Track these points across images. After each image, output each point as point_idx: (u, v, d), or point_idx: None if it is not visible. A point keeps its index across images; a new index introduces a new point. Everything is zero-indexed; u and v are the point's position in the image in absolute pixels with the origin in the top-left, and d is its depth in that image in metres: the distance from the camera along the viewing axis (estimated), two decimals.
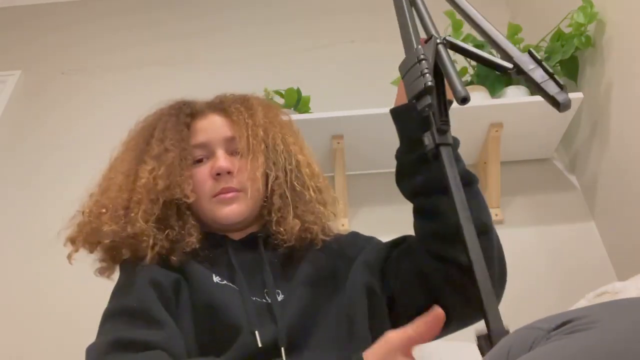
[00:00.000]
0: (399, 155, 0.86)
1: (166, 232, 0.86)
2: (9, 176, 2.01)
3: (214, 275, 0.84)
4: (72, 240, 0.90)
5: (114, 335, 0.74)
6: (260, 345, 0.76)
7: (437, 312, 0.74)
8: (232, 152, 0.94)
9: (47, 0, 2.55)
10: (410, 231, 0.87)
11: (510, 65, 0.65)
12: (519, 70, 0.63)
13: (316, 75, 2.04)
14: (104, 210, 0.89)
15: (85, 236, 0.89)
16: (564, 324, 0.40)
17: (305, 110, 1.78)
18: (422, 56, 0.66)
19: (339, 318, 0.84)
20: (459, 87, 0.62)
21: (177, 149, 0.91)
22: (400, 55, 0.72)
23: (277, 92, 1.80)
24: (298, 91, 1.79)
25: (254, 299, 0.83)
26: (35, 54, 2.37)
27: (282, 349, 0.77)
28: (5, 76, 2.28)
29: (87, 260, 0.90)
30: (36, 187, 1.98)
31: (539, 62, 0.62)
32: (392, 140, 1.00)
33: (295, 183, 0.94)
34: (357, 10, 2.32)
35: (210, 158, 0.93)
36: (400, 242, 0.91)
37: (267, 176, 0.94)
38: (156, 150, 0.92)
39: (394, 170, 0.87)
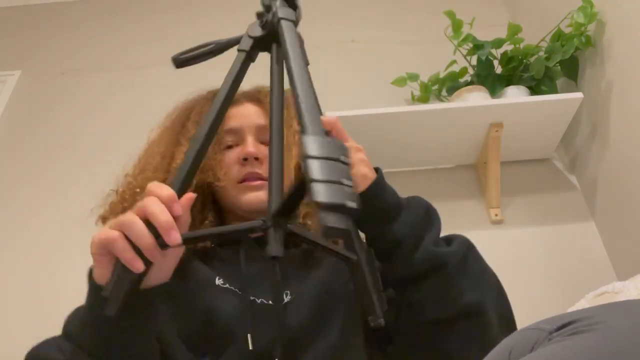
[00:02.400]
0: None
1: None
2: (8, 176, 2.01)
3: (217, 278, 0.83)
4: (104, 219, 0.90)
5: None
6: (251, 348, 0.74)
7: None
8: (263, 141, 0.94)
9: (47, 0, 2.55)
10: None
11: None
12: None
13: (316, 75, 2.03)
14: (138, 190, 0.88)
15: (117, 215, 0.89)
16: (566, 325, 0.40)
17: None
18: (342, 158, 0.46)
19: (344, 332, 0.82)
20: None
21: (213, 135, 0.91)
22: (401, 55, 0.72)
23: None
24: None
25: (259, 300, 0.81)
26: (35, 54, 2.37)
27: (276, 356, 0.75)
28: (5, 76, 2.28)
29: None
30: (36, 187, 1.97)
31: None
32: (392, 140, 1.00)
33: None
34: (357, 10, 2.32)
35: (240, 144, 0.93)
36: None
37: (298, 169, 0.91)
38: (192, 132, 0.92)
39: (393, 169, 0.86)
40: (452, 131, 1.70)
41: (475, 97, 1.69)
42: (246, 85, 1.04)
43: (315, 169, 0.42)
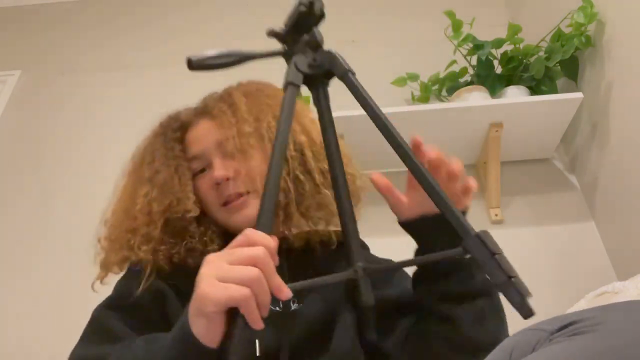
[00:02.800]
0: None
1: (184, 243, 0.86)
2: (8, 176, 2.01)
3: None
4: (100, 276, 0.91)
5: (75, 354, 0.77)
6: (258, 354, 0.73)
7: None
8: (228, 156, 0.90)
9: (47, 0, 2.55)
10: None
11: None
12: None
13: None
14: (110, 243, 0.90)
15: (102, 263, 0.90)
16: (567, 325, 0.40)
17: None
18: None
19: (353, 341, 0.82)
20: None
21: (169, 168, 0.90)
22: (401, 55, 0.72)
23: None
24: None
25: None
26: (35, 54, 2.37)
27: None
28: (5, 76, 2.28)
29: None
30: (36, 187, 1.98)
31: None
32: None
33: (297, 173, 0.89)
34: (358, 10, 2.32)
35: (209, 167, 0.91)
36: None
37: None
38: (147, 173, 0.91)
39: (393, 169, 0.86)
40: (452, 131, 1.70)
41: (475, 97, 1.69)
42: (191, 98, 1.04)
43: (509, 265, 0.60)
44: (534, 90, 1.74)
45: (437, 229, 0.74)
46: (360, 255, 0.66)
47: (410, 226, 0.81)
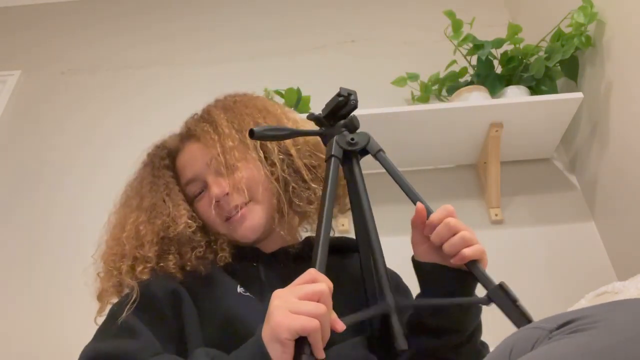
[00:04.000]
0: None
1: (194, 252, 0.89)
2: (7, 176, 2.01)
3: (238, 286, 0.86)
4: (98, 299, 0.93)
5: (93, 348, 0.78)
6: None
7: None
8: (221, 173, 0.94)
9: (47, 0, 2.55)
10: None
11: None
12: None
13: (316, 75, 2.04)
14: (103, 274, 0.91)
15: (98, 296, 0.92)
16: (566, 323, 0.40)
17: (306, 110, 1.78)
18: None
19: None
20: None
21: (157, 193, 0.93)
22: (401, 55, 0.73)
23: (277, 92, 1.80)
24: (298, 91, 1.79)
25: None
26: (35, 54, 2.37)
27: None
28: (5, 76, 2.28)
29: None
30: (35, 187, 1.97)
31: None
32: (392, 140, 1.00)
33: (285, 175, 0.93)
34: (358, 10, 2.32)
35: (207, 188, 0.94)
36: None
37: (270, 175, 0.93)
38: (135, 202, 0.94)
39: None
40: (452, 131, 1.70)
41: (475, 97, 1.69)
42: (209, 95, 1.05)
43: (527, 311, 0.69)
44: (534, 90, 1.74)
45: (446, 279, 0.81)
46: (389, 289, 0.75)
47: (422, 269, 0.85)
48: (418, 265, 0.85)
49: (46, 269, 1.76)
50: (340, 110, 0.85)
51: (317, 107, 1.79)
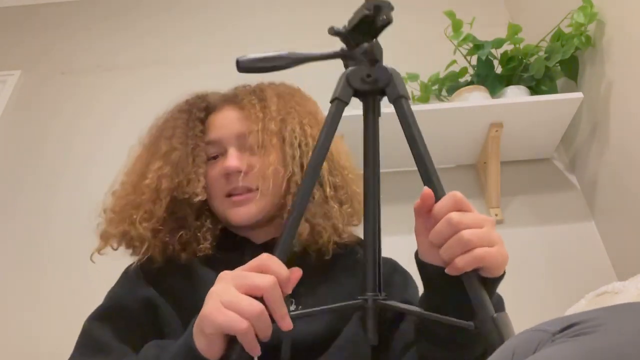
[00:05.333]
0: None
1: (180, 234, 0.86)
2: (8, 176, 2.01)
3: None
4: (98, 249, 0.90)
5: None
6: (255, 357, 0.73)
7: None
8: (245, 149, 0.90)
9: (47, 0, 2.55)
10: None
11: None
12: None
13: (316, 75, 2.04)
14: (113, 215, 0.88)
15: (101, 235, 0.89)
16: (569, 326, 0.40)
17: None
18: None
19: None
20: None
21: (186, 147, 0.89)
22: (400, 55, 0.71)
23: None
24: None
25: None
26: (35, 54, 2.37)
27: None
28: (5, 76, 2.28)
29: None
30: (35, 187, 1.97)
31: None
32: (392, 140, 1.00)
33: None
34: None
35: (224, 155, 0.90)
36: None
37: (284, 174, 0.88)
38: (164, 148, 0.90)
39: (393, 169, 0.86)
40: (452, 131, 1.70)
41: (475, 97, 1.69)
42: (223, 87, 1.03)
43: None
44: (534, 90, 1.74)
45: (448, 289, 0.66)
46: (374, 285, 0.65)
47: (424, 273, 0.72)
48: (421, 266, 0.71)
49: (46, 269, 1.77)
50: (367, 28, 0.67)
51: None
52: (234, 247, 0.89)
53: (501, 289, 0.72)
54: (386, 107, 0.69)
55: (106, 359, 0.74)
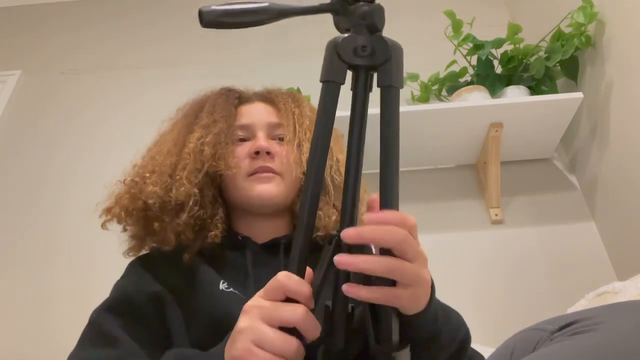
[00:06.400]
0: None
1: (195, 216, 0.85)
2: (8, 176, 2.01)
3: (221, 282, 0.82)
4: (108, 210, 0.89)
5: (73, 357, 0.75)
6: None
7: None
8: (274, 137, 0.95)
9: (47, 0, 2.55)
10: None
11: None
12: None
13: (316, 75, 2.04)
14: (148, 175, 0.88)
15: (125, 203, 0.87)
16: (567, 325, 0.40)
17: None
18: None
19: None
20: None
21: (225, 123, 0.92)
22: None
23: None
24: (298, 91, 1.79)
25: None
26: (35, 54, 2.37)
27: None
28: (5, 76, 2.28)
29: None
30: (36, 187, 1.97)
31: None
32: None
33: (334, 176, 0.93)
34: None
35: (251, 140, 0.94)
36: None
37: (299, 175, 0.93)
38: (205, 120, 0.93)
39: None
40: (452, 131, 1.70)
41: (475, 97, 1.69)
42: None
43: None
44: (534, 90, 1.74)
45: None
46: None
47: None
48: None
49: (50, 268, 1.77)
50: None
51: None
52: (235, 246, 0.90)
53: (501, 289, 0.72)
54: (378, 108, 0.58)
55: (115, 351, 0.74)
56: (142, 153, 0.96)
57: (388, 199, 0.53)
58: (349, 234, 0.51)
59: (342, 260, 0.51)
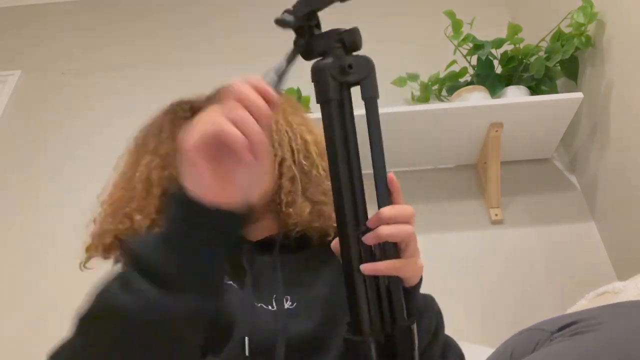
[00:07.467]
0: None
1: None
2: (8, 176, 2.01)
3: None
4: (87, 249, 0.91)
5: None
6: (247, 354, 0.72)
7: None
8: None
9: (47, 0, 2.55)
10: None
11: None
12: None
13: None
14: (110, 211, 0.89)
15: (95, 242, 0.89)
16: (567, 325, 0.40)
17: (305, 110, 1.77)
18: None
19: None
20: None
21: (174, 142, 0.90)
22: (401, 55, 0.70)
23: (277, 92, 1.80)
24: (298, 91, 1.79)
25: (259, 304, 0.78)
26: (35, 54, 2.37)
27: None
28: (5, 76, 2.28)
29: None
30: (35, 187, 1.97)
31: None
32: (392, 140, 1.00)
33: (303, 162, 0.91)
34: (358, 10, 2.31)
35: None
36: None
37: (275, 159, 0.91)
38: (152, 145, 0.92)
39: (393, 169, 0.84)
40: (452, 131, 1.70)
41: (475, 97, 1.69)
42: None
43: None
44: (534, 90, 1.74)
45: None
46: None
47: None
48: None
49: (46, 269, 1.76)
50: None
51: (317, 107, 1.80)
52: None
53: (502, 289, 0.72)
54: (364, 109, 0.67)
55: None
56: (110, 185, 0.95)
57: (383, 191, 0.62)
58: (368, 240, 0.60)
59: (368, 267, 0.59)
